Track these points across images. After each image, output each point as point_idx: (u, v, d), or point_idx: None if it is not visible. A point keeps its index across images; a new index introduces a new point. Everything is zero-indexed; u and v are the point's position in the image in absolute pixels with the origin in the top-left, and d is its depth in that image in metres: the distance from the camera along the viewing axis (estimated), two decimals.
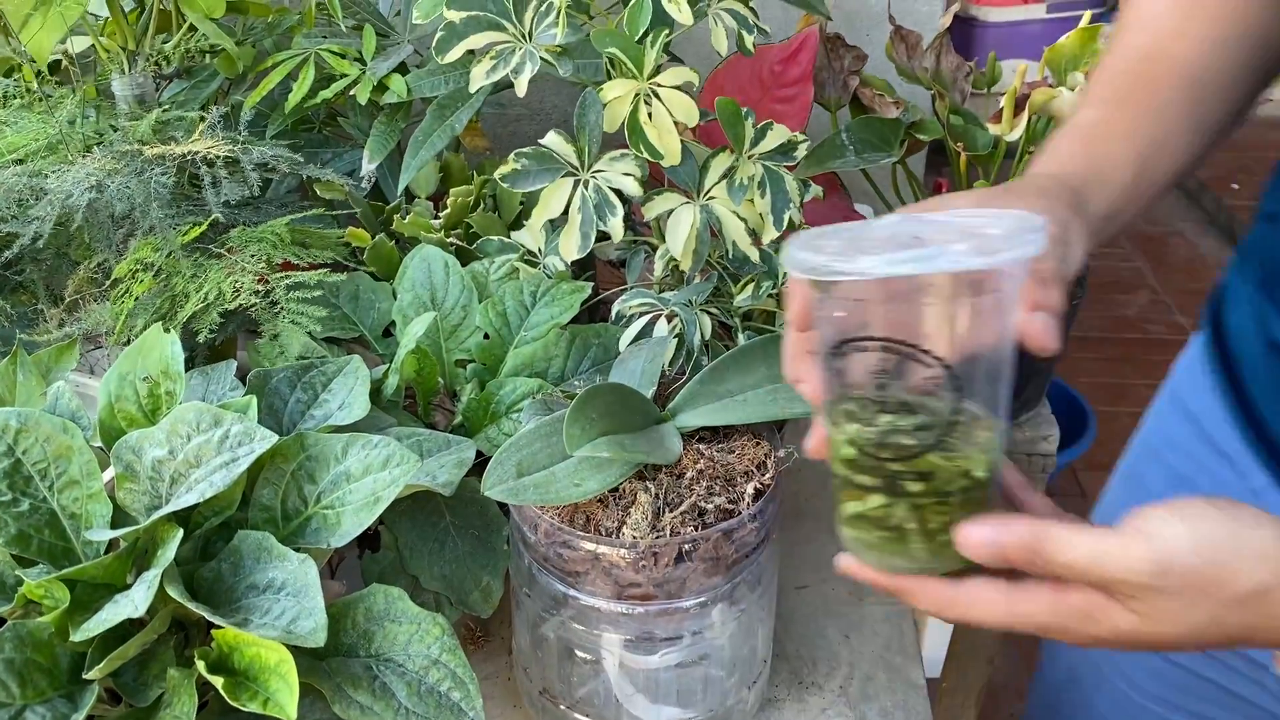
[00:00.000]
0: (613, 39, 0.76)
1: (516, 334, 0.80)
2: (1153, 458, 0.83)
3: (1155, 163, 0.62)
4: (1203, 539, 0.44)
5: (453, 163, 1.02)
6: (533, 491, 0.62)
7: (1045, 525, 0.45)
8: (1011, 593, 0.46)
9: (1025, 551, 0.45)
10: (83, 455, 0.61)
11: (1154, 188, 0.63)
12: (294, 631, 0.53)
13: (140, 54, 0.93)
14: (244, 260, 0.74)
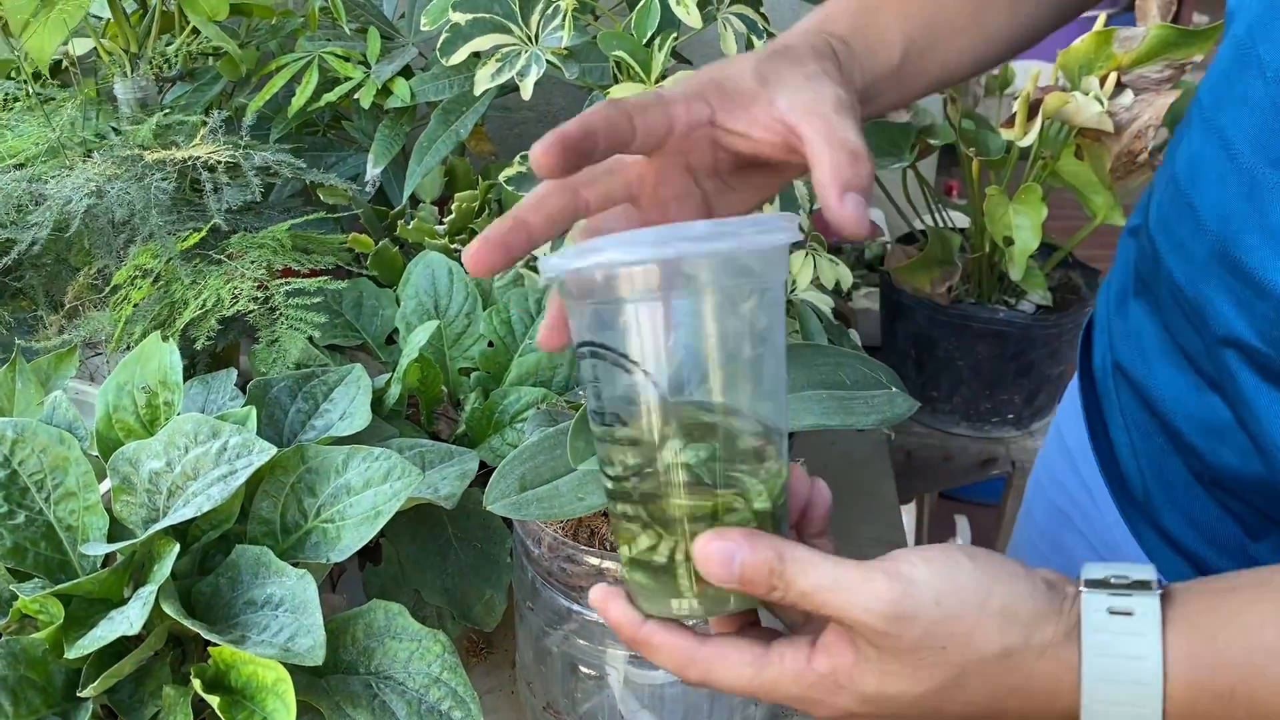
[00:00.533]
0: (620, 41, 0.74)
1: (521, 342, 0.79)
2: (1039, 492, 0.82)
3: (925, 51, 0.57)
4: (947, 588, 0.40)
5: (458, 167, 1.01)
6: (536, 506, 0.60)
7: (790, 546, 0.41)
8: (761, 657, 0.42)
9: (765, 573, 0.40)
10: (80, 466, 0.60)
11: (921, 78, 0.58)
12: (292, 649, 0.52)
13: (142, 57, 0.93)
14: (243, 266, 0.73)
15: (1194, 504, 0.61)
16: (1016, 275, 0.97)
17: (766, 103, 0.46)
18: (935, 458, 1.13)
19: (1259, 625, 0.38)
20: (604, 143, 0.43)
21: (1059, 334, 1.04)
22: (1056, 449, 0.79)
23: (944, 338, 1.05)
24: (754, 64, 0.47)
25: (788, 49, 0.49)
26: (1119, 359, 0.65)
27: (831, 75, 0.48)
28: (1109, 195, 0.97)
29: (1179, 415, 0.59)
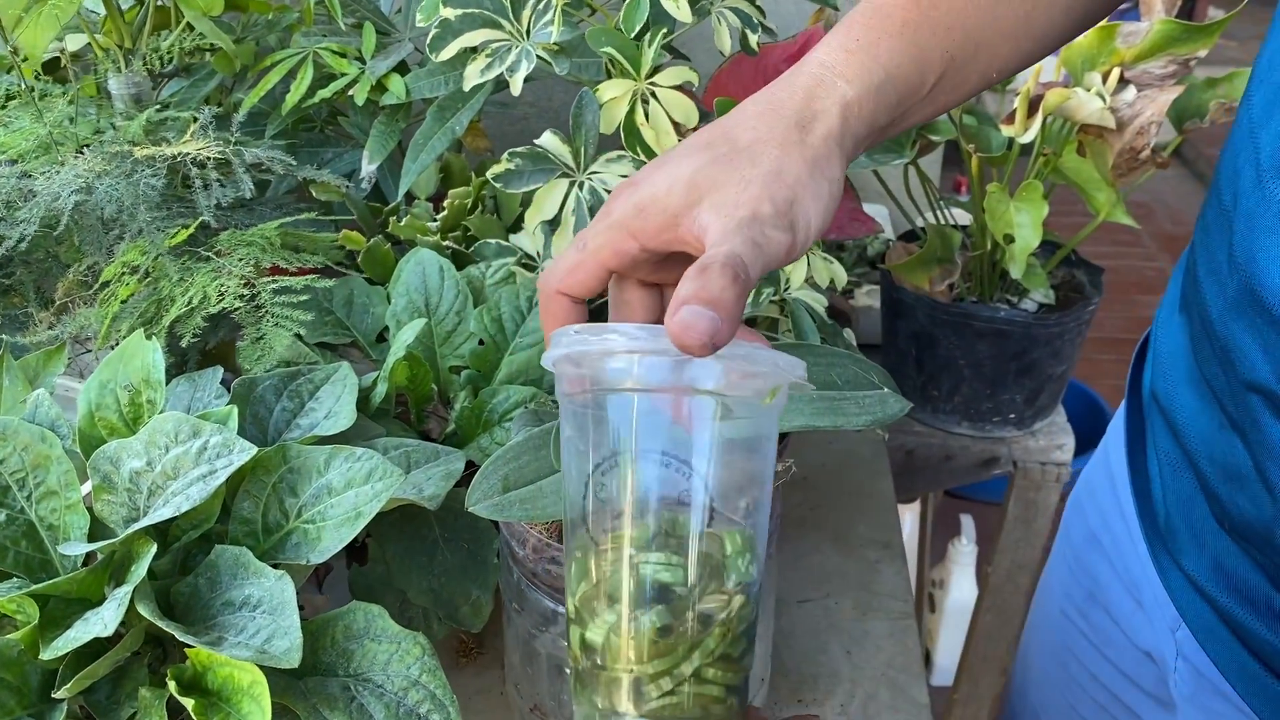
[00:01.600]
0: (609, 37, 0.74)
1: (512, 340, 0.78)
2: (1077, 510, 0.81)
3: (966, 65, 0.53)
4: None
5: (454, 163, 1.00)
6: (519, 507, 0.60)
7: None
8: None
9: None
10: (61, 465, 0.60)
11: (957, 92, 0.55)
12: (268, 651, 0.52)
13: (137, 52, 0.92)
14: (231, 264, 0.72)
15: (1221, 550, 0.58)
16: (1017, 273, 0.96)
17: (691, 221, 0.45)
18: (936, 457, 1.12)
19: None
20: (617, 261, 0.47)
21: (1061, 333, 1.03)
22: (1101, 468, 0.76)
23: (945, 336, 1.04)
24: (691, 172, 0.45)
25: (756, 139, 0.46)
26: (1155, 384, 0.62)
27: (788, 170, 0.45)
28: (1111, 192, 0.96)
29: (1203, 454, 0.56)
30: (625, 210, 0.47)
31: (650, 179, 0.47)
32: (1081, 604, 0.78)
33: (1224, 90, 0.92)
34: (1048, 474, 1.11)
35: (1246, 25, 4.32)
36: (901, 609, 0.85)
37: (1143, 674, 0.72)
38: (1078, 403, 2.27)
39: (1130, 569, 0.70)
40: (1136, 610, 0.70)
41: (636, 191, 0.47)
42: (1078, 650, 0.79)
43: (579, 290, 0.49)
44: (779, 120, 0.47)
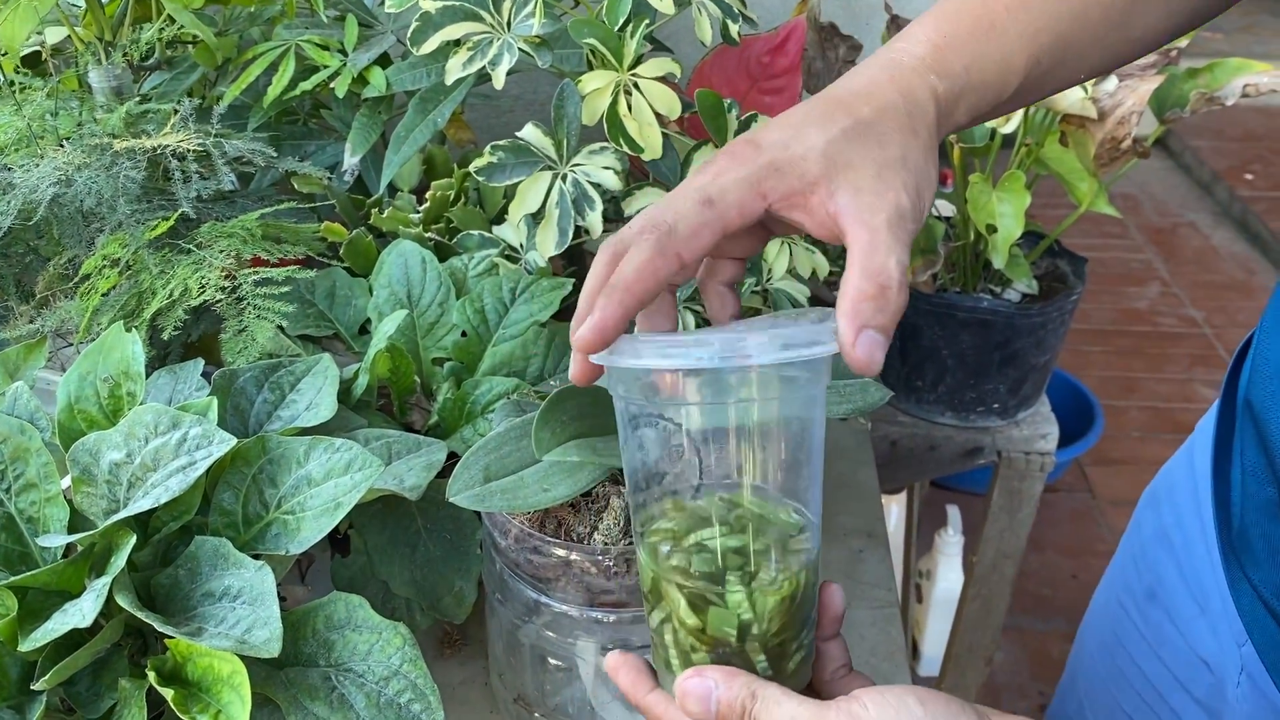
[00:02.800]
0: (591, 29, 0.74)
1: (495, 332, 0.78)
2: (1153, 504, 0.78)
3: (1052, 69, 0.52)
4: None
5: (436, 155, 1.00)
6: (500, 498, 0.60)
7: (763, 685, 0.44)
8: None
9: (739, 711, 0.43)
10: (40, 457, 0.60)
11: (1036, 94, 0.54)
12: (248, 641, 0.52)
13: (117, 45, 0.92)
14: (212, 256, 0.72)
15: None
16: (999, 263, 0.96)
17: (825, 195, 0.44)
18: (920, 447, 1.12)
19: None
20: (652, 297, 0.45)
21: (1044, 323, 1.03)
22: (1184, 464, 0.73)
23: (928, 326, 1.04)
24: (824, 143, 0.45)
25: (878, 116, 0.46)
26: (1251, 392, 0.60)
27: (911, 159, 0.45)
28: (1094, 182, 0.96)
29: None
30: (759, 168, 0.45)
31: (779, 142, 0.45)
32: (1140, 599, 0.76)
33: (1205, 80, 0.92)
34: (1031, 463, 1.12)
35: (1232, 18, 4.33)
36: (886, 598, 0.85)
37: (1194, 679, 0.69)
38: (1065, 395, 2.28)
39: (1200, 573, 0.68)
40: (1198, 616, 0.68)
41: (765, 152, 0.45)
42: (1129, 644, 0.77)
43: (698, 254, 0.45)
44: (889, 102, 0.47)
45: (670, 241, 0.44)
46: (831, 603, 0.50)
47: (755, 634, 0.45)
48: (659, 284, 0.45)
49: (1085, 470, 2.47)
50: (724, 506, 0.46)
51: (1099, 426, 2.26)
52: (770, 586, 0.45)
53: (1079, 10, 0.51)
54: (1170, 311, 3.13)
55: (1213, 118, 3.96)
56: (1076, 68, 0.54)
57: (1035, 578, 2.13)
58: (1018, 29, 0.50)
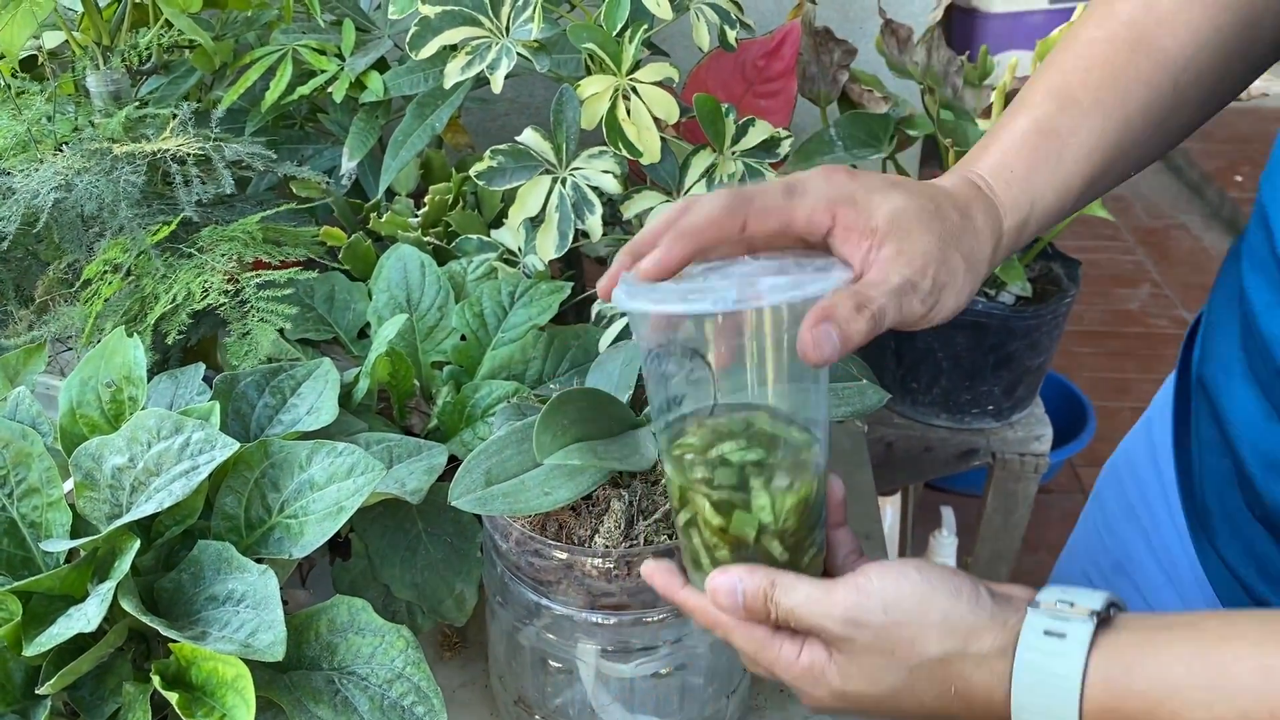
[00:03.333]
0: (590, 34, 0.74)
1: (494, 335, 0.79)
2: (1114, 480, 0.81)
3: (1108, 172, 0.57)
4: (893, 599, 0.46)
5: (434, 159, 1.00)
6: (501, 501, 0.60)
7: (780, 574, 0.48)
8: (767, 638, 0.49)
9: (761, 598, 0.48)
10: (43, 462, 0.60)
11: (1095, 195, 0.58)
12: (252, 645, 0.52)
13: (115, 50, 0.92)
14: (214, 259, 0.72)
15: (1254, 536, 0.58)
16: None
17: (876, 244, 0.49)
18: (916, 449, 1.13)
19: (1171, 662, 0.42)
20: (709, 245, 0.49)
21: (1039, 325, 1.04)
22: (1143, 439, 0.76)
23: (923, 329, 1.05)
24: (896, 208, 0.49)
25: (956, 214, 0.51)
26: (1202, 370, 0.62)
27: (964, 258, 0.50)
28: None
29: (1245, 441, 0.57)
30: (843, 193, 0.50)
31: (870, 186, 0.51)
32: (1107, 571, 0.78)
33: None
34: (1026, 465, 1.13)
35: None
36: None
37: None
38: (1057, 395, 2.29)
39: (1168, 545, 0.70)
40: (1166, 585, 0.70)
41: (857, 184, 0.50)
42: None
43: (760, 229, 0.50)
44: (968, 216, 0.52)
45: (743, 205, 0.49)
46: (833, 492, 0.54)
47: (773, 532, 0.50)
48: (721, 238, 0.49)
49: (1078, 471, 2.48)
50: (740, 424, 0.50)
51: (1091, 427, 2.26)
52: (787, 491, 0.50)
53: (1125, 120, 0.55)
54: (1162, 313, 3.15)
55: None
56: (1124, 171, 0.58)
57: (1028, 578, 2.12)
58: (1074, 154, 0.55)
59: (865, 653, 0.46)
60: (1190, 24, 0.56)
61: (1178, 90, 0.57)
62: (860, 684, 0.47)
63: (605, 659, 0.66)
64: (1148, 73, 0.56)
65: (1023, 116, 0.56)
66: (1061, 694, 0.43)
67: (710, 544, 0.51)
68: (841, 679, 0.48)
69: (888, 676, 0.46)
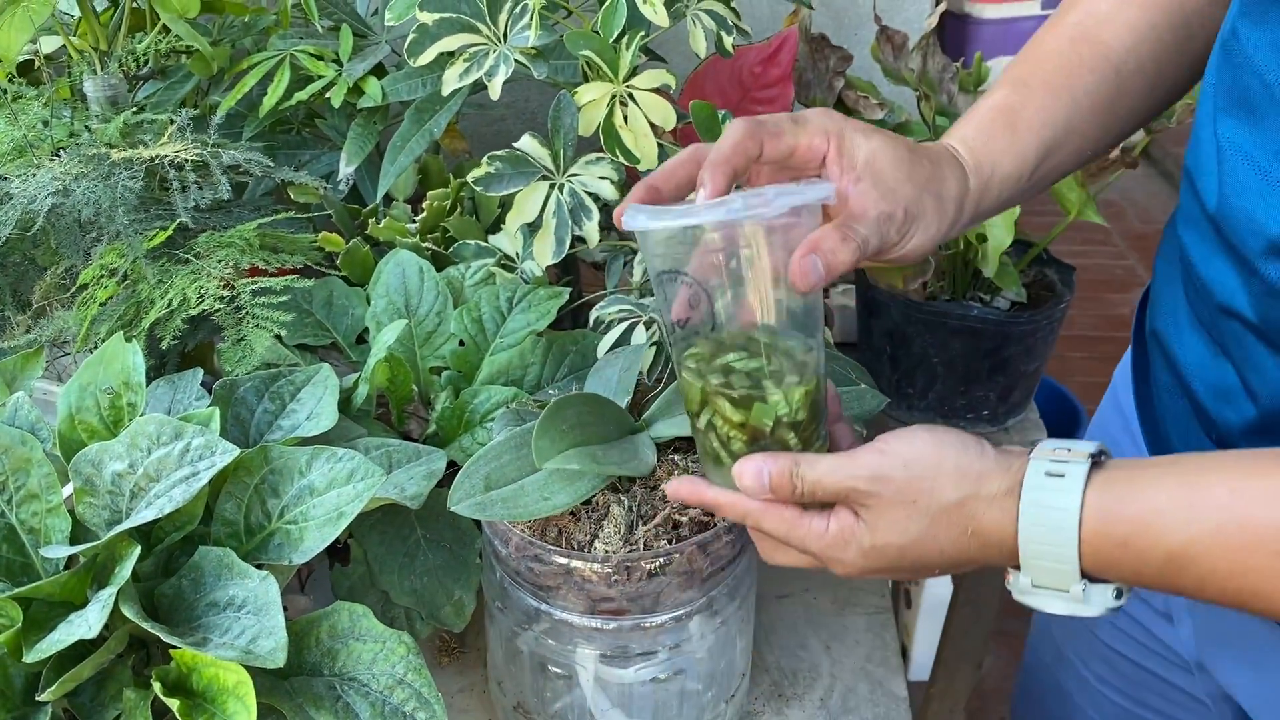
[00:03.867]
0: (587, 41, 0.74)
1: (492, 341, 0.79)
2: None
3: (1061, 146, 0.64)
4: (913, 456, 0.52)
5: (431, 165, 1.00)
6: (500, 506, 0.60)
7: (802, 454, 0.54)
8: (796, 518, 0.54)
9: (787, 476, 0.53)
10: (42, 468, 0.60)
11: (1053, 174, 0.65)
12: (253, 651, 0.52)
13: (112, 54, 0.92)
14: (210, 265, 0.72)
15: None
16: (990, 271, 0.97)
17: (853, 178, 0.56)
18: None
19: (1155, 492, 0.48)
20: (740, 171, 0.54)
21: (1033, 330, 1.04)
22: (1112, 408, 0.83)
23: (919, 334, 1.05)
24: (875, 147, 0.56)
25: (926, 159, 0.58)
26: (1154, 324, 0.69)
27: (932, 199, 0.58)
28: (1082, 192, 0.97)
29: (1196, 378, 0.63)
30: (837, 128, 0.56)
31: (859, 127, 0.57)
32: None
33: (1192, 91, 0.93)
34: None
35: None
36: (878, 604, 0.86)
37: (1152, 593, 0.77)
38: (1050, 400, 2.29)
39: None
40: None
41: (849, 121, 0.57)
42: None
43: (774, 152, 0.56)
44: (948, 170, 0.60)
45: (759, 129, 0.55)
46: (830, 391, 0.60)
47: (787, 423, 0.55)
48: (747, 163, 0.54)
49: None
50: (742, 338, 0.55)
51: (1083, 431, 2.27)
52: (796, 385, 0.55)
53: (1072, 101, 0.63)
54: None
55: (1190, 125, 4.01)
56: (1079, 148, 0.65)
57: None
58: (1027, 126, 0.62)
59: (890, 506, 0.52)
60: (1128, 22, 0.64)
61: (1120, 77, 0.64)
62: (888, 535, 0.52)
63: (604, 664, 0.67)
64: (1091, 61, 0.64)
65: (986, 101, 0.64)
66: (1063, 524, 0.49)
67: (728, 438, 0.56)
68: (870, 534, 0.53)
69: (912, 525, 0.52)
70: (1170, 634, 0.78)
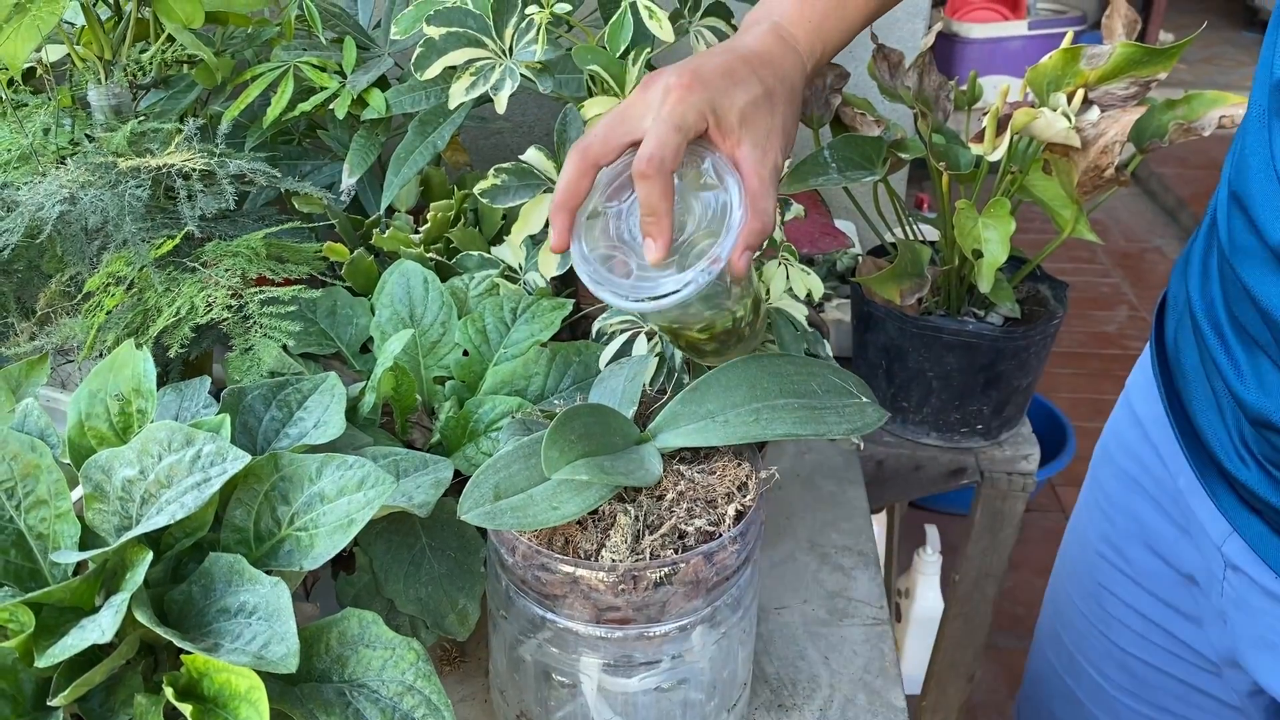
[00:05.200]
0: (594, 56, 0.75)
1: (496, 351, 0.79)
2: (1107, 459, 0.90)
3: (879, 14, 0.74)
4: None
5: (433, 176, 1.01)
6: (510, 515, 0.61)
7: None
8: None
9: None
10: (51, 474, 0.60)
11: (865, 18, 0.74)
12: (265, 657, 0.52)
13: (117, 63, 0.92)
14: (218, 274, 0.73)
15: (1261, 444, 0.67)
16: (985, 288, 0.98)
17: (734, 142, 0.62)
18: (906, 467, 1.14)
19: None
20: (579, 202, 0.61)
21: (1027, 346, 1.06)
22: (1126, 418, 0.86)
23: (914, 349, 1.06)
24: (744, 103, 0.62)
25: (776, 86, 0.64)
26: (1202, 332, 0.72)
27: (788, 125, 0.65)
28: (1076, 209, 0.99)
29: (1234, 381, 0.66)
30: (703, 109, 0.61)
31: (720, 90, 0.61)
32: (1120, 544, 0.87)
33: (1182, 112, 0.95)
34: (1014, 484, 1.14)
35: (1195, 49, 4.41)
36: (876, 615, 0.87)
37: (1180, 598, 0.81)
38: (1038, 416, 2.31)
39: (1175, 500, 0.79)
40: (1181, 537, 0.79)
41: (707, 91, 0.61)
42: (1115, 587, 0.88)
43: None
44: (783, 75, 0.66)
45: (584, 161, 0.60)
46: None
47: (740, 318, 0.67)
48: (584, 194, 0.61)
49: (1058, 491, 2.50)
50: None
51: (1071, 447, 2.29)
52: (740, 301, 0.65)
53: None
54: (1138, 335, 3.19)
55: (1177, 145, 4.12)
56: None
57: (1010, 596, 2.15)
58: (855, 4, 0.71)
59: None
60: None
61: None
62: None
63: (608, 673, 0.67)
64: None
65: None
66: None
67: (700, 340, 0.68)
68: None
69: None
70: (1197, 637, 0.79)
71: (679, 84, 0.60)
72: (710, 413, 0.70)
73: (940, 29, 1.14)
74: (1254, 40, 5.35)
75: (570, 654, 0.67)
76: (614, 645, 0.65)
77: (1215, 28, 5.57)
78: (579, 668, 0.67)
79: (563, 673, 0.68)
